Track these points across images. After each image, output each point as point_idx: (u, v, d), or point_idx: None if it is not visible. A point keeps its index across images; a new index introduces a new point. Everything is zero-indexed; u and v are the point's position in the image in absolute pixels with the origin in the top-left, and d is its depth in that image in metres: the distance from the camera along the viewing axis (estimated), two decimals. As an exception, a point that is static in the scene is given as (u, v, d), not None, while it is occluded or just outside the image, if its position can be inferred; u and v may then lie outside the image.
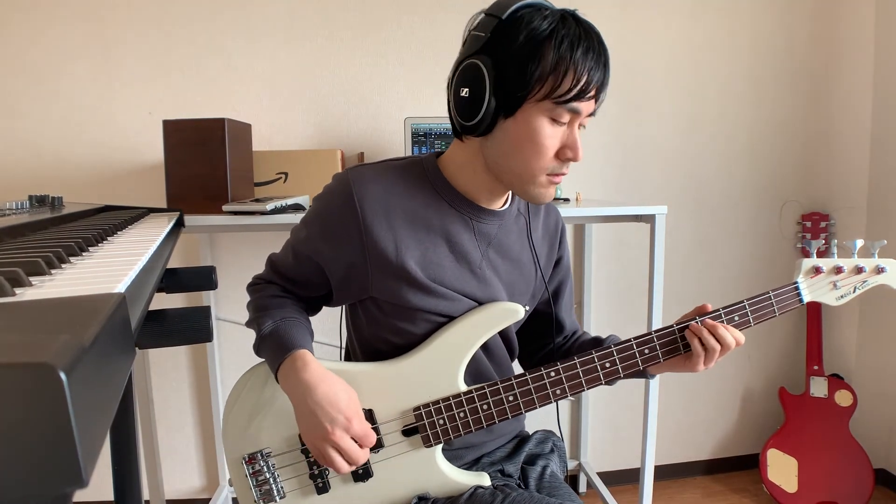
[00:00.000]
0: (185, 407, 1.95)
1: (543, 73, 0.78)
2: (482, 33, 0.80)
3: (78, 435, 0.20)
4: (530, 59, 0.77)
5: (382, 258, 0.86)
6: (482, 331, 0.90)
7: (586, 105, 0.81)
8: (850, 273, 0.96)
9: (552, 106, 0.79)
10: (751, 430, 2.26)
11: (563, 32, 0.78)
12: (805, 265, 0.97)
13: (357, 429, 0.82)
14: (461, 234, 0.90)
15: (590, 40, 0.79)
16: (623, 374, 0.91)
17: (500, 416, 0.89)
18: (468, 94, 0.81)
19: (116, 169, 1.81)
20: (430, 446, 0.90)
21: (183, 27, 1.78)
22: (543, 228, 1.01)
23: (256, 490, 0.90)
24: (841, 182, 2.13)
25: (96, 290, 0.36)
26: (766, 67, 2.07)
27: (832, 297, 0.97)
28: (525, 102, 0.79)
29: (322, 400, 0.81)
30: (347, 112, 1.88)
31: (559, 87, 0.78)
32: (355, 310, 0.96)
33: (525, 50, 0.78)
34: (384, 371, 0.90)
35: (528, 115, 0.80)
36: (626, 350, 0.90)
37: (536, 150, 0.81)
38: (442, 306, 0.89)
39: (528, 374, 0.89)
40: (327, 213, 0.89)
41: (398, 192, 0.88)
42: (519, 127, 0.81)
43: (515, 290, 0.96)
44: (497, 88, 0.79)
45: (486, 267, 0.92)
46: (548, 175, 0.83)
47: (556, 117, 0.80)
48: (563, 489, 0.97)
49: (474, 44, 0.81)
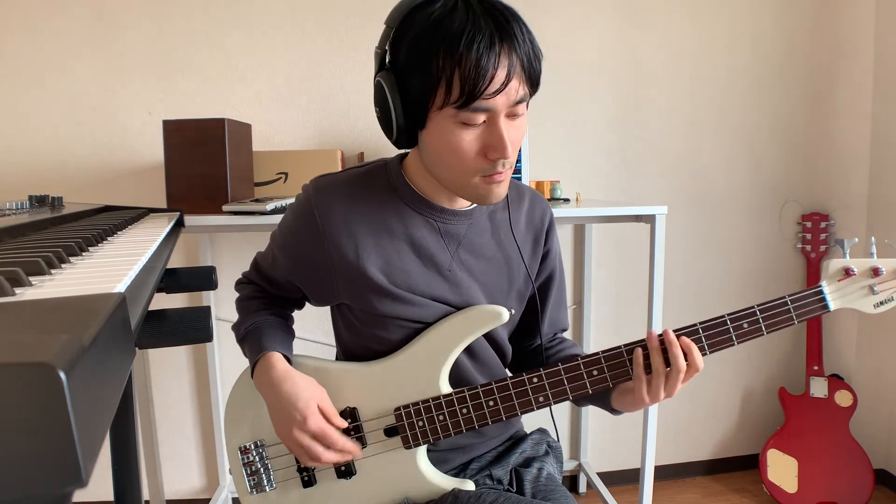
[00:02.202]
0: (185, 407, 1.95)
1: (432, 81, 0.72)
2: (379, 49, 0.78)
3: (78, 435, 0.20)
4: (417, 69, 0.73)
5: (346, 266, 0.86)
6: (464, 333, 0.89)
7: (499, 99, 0.72)
8: (891, 275, 0.80)
9: (455, 111, 0.73)
10: (751, 431, 2.26)
11: (447, 25, 0.70)
12: (833, 266, 0.82)
13: (312, 427, 0.83)
14: (426, 237, 0.88)
15: (476, 25, 0.70)
16: (586, 393, 0.86)
17: (479, 421, 0.87)
18: (379, 113, 0.79)
19: (116, 169, 1.81)
20: (410, 448, 0.89)
21: (183, 27, 1.78)
22: (527, 220, 0.96)
23: (249, 479, 0.93)
24: (841, 182, 2.13)
25: (96, 290, 0.36)
26: (767, 67, 2.07)
27: (868, 303, 0.82)
28: (429, 113, 0.75)
29: (283, 398, 0.85)
30: (347, 112, 1.88)
31: (451, 92, 0.72)
32: (336, 317, 0.98)
33: (412, 60, 0.73)
34: (369, 370, 0.91)
35: (437, 124, 0.75)
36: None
37: (456, 156, 0.76)
38: (411, 312, 0.88)
39: (510, 380, 0.87)
40: (293, 224, 0.91)
41: (358, 201, 0.87)
42: (433, 137, 0.77)
43: (495, 290, 0.93)
44: (403, 104, 0.76)
45: (457, 269, 0.90)
46: (482, 177, 0.78)
47: (466, 121, 0.74)
48: (559, 491, 0.95)
49: (376, 60, 0.79)
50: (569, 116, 1.99)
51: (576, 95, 1.98)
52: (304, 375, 0.88)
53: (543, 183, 1.72)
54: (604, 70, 1.99)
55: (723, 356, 2.18)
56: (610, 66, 1.99)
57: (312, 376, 0.89)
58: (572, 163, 2.01)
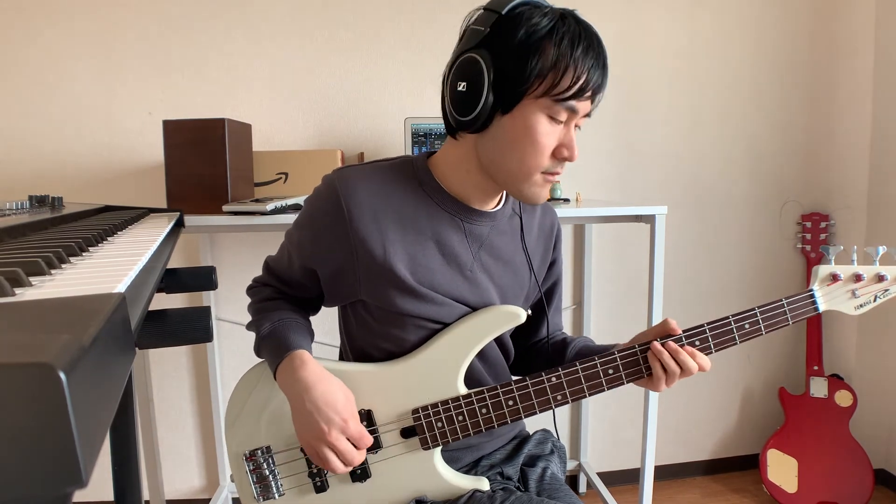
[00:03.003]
0: (185, 407, 1.95)
1: (543, 69, 0.77)
2: (481, 27, 0.80)
3: (78, 435, 0.20)
4: (530, 54, 0.77)
5: (370, 260, 0.85)
6: (483, 333, 0.89)
7: (584, 105, 0.80)
8: (870, 281, 0.90)
9: (550, 103, 0.78)
10: (751, 431, 2.26)
11: (564, 30, 0.77)
12: (822, 272, 0.91)
13: (353, 430, 0.82)
14: (451, 236, 0.88)
15: (589, 39, 0.79)
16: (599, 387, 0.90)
17: (499, 421, 0.88)
18: (465, 88, 0.80)
19: (116, 169, 1.81)
20: (428, 448, 0.89)
21: (183, 27, 1.78)
22: (539, 229, 0.99)
23: (256, 486, 0.91)
24: (841, 182, 2.13)
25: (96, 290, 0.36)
26: (767, 67, 2.07)
27: (850, 306, 0.91)
28: (524, 98, 0.78)
29: (319, 400, 0.82)
30: (347, 112, 1.88)
31: (559, 84, 0.77)
32: (347, 315, 0.95)
33: (525, 45, 0.77)
34: (385, 372, 0.90)
35: (526, 111, 0.79)
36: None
37: (534, 147, 0.80)
38: (432, 311, 0.88)
39: (529, 380, 0.88)
40: (315, 216, 0.88)
41: (386, 194, 0.86)
42: (516, 123, 0.80)
43: (508, 293, 0.94)
44: (496, 83, 0.78)
45: (477, 269, 0.90)
46: (543, 174, 0.82)
47: (554, 115, 0.79)
48: (563, 490, 0.96)
49: (472, 38, 0.80)
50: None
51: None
52: (336, 377, 0.86)
53: (543, 183, 1.72)
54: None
55: (723, 356, 2.18)
56: (610, 66, 1.98)
57: None
58: (572, 163, 2.01)
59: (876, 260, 0.91)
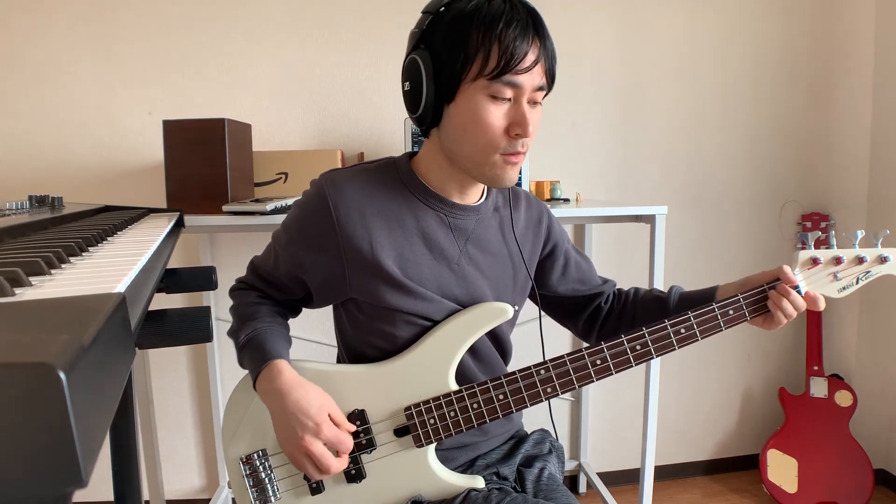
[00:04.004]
0: (185, 407, 1.95)
1: (470, 52, 0.79)
2: (417, 30, 0.84)
3: (77, 435, 0.20)
4: (457, 40, 0.79)
5: (359, 257, 0.87)
6: (472, 330, 0.90)
7: (526, 78, 0.80)
8: (850, 263, 0.92)
9: (487, 83, 0.79)
10: (751, 431, 2.26)
11: (486, 10, 0.79)
12: (802, 256, 0.93)
13: (327, 434, 0.82)
14: (437, 230, 0.90)
15: (514, 12, 0.79)
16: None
17: (490, 416, 0.89)
18: (409, 88, 0.85)
19: (116, 169, 1.81)
20: (422, 446, 0.89)
21: (183, 27, 1.78)
22: (526, 221, 1.01)
23: (253, 490, 0.91)
24: (841, 182, 2.13)
25: (96, 290, 0.36)
26: (767, 67, 2.07)
27: (833, 288, 0.93)
28: (461, 84, 0.81)
29: (292, 406, 0.83)
30: (347, 112, 1.88)
31: (488, 63, 0.79)
32: (339, 314, 0.97)
33: (452, 33, 0.80)
34: (376, 372, 0.91)
35: (467, 96, 0.81)
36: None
37: (482, 128, 0.81)
38: (421, 307, 0.89)
39: (518, 373, 0.89)
40: (303, 217, 0.91)
41: (371, 193, 0.89)
42: (461, 110, 0.82)
43: (500, 285, 0.96)
44: (435, 77, 0.82)
45: (465, 263, 0.92)
46: (502, 154, 0.83)
47: (496, 94, 0.80)
48: (560, 491, 0.96)
49: (411, 41, 0.86)
50: (569, 116, 1.99)
51: (576, 95, 1.98)
52: (312, 384, 0.87)
53: (543, 183, 1.72)
54: (604, 70, 1.99)
55: (723, 356, 2.18)
56: (610, 66, 1.99)
57: (315, 381, 0.88)
58: (572, 163, 2.01)
59: (855, 243, 0.93)
